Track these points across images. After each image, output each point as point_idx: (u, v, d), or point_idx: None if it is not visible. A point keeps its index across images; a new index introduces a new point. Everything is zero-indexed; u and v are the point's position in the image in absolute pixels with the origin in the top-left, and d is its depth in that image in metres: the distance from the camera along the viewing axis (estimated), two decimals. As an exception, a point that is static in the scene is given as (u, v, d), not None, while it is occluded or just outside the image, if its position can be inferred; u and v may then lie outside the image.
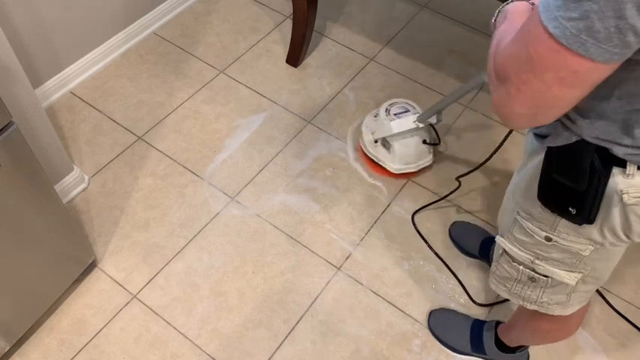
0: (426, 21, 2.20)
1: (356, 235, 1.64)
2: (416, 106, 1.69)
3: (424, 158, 1.71)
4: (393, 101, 1.70)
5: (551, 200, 0.83)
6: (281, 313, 1.49)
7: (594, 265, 0.91)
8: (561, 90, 0.61)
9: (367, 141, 1.73)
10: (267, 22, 2.16)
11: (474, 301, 1.52)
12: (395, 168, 1.69)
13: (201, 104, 1.90)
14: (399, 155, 1.67)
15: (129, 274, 1.54)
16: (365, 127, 1.75)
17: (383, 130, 1.65)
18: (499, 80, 0.67)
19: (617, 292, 1.57)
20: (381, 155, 1.70)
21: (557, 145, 0.77)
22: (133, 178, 1.72)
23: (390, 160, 1.69)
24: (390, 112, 1.66)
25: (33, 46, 1.72)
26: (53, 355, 1.41)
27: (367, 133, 1.73)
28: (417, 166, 1.70)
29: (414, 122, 1.62)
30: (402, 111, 1.66)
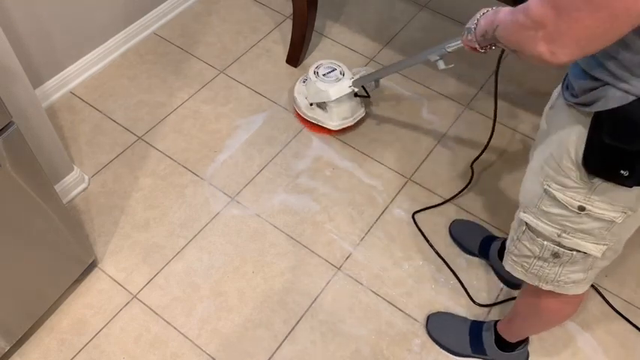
0: (426, 21, 2.20)
1: (356, 235, 1.64)
2: (340, 65, 1.79)
3: (358, 111, 1.82)
4: (319, 63, 1.79)
5: (601, 165, 0.84)
6: (281, 313, 1.49)
7: (620, 234, 0.93)
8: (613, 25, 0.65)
9: (303, 105, 1.81)
10: (267, 22, 2.16)
11: (474, 302, 1.52)
12: (335, 125, 1.78)
13: (201, 104, 1.90)
14: (336, 113, 1.77)
15: (129, 274, 1.54)
16: (297, 94, 1.84)
17: (320, 96, 1.74)
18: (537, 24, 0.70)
19: (617, 292, 1.57)
20: (319, 116, 1.79)
21: (608, 108, 0.77)
22: (133, 178, 1.72)
23: (329, 119, 1.78)
24: (319, 74, 1.76)
25: (33, 46, 1.72)
26: (53, 355, 1.41)
27: (301, 99, 1.82)
28: (354, 119, 1.81)
29: (350, 87, 1.72)
30: (329, 71, 1.76)
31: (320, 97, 1.75)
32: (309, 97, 1.79)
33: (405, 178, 1.76)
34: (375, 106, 1.92)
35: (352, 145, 1.82)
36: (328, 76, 1.75)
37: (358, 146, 1.82)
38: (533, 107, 1.95)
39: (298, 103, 1.82)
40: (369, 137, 1.85)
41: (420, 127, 1.89)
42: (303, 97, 1.82)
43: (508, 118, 1.92)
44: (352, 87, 1.73)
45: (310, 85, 1.77)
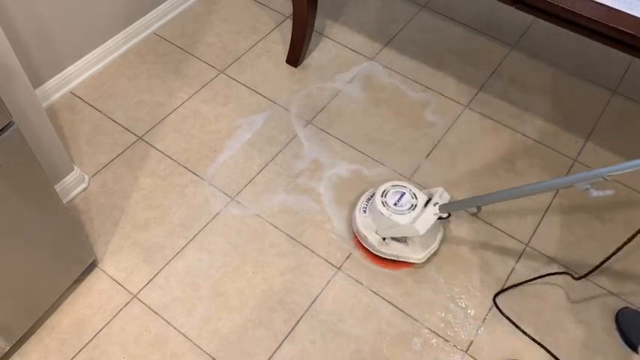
0: (426, 21, 2.21)
1: (356, 235, 1.64)
2: (406, 185, 1.53)
3: (439, 232, 1.60)
4: (383, 189, 1.53)
5: None
6: (281, 313, 1.49)
7: None
8: None
9: (376, 243, 1.54)
10: (267, 22, 2.16)
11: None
12: (420, 258, 1.54)
13: (201, 104, 1.90)
14: (421, 244, 1.54)
15: (129, 274, 1.54)
16: (364, 229, 1.55)
17: (400, 231, 1.48)
18: None
19: (617, 292, 1.57)
20: (399, 252, 1.53)
21: None
22: (133, 178, 1.72)
23: (412, 252, 1.53)
24: (389, 204, 1.49)
25: (33, 46, 1.72)
26: (53, 355, 1.41)
27: (370, 234, 1.54)
28: (437, 242, 1.58)
29: (436, 214, 1.45)
30: (399, 196, 1.51)
31: (403, 233, 1.48)
32: (381, 231, 1.53)
33: (404, 177, 1.76)
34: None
35: (352, 145, 1.82)
36: (400, 205, 1.48)
37: (358, 146, 1.82)
38: (533, 107, 1.95)
39: (370, 241, 1.54)
40: (369, 137, 1.85)
41: (420, 126, 1.89)
42: (372, 233, 1.54)
43: (508, 118, 1.92)
44: (439, 214, 1.45)
45: (382, 219, 1.49)
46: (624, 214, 1.72)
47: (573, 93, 2.01)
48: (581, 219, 1.70)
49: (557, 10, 1.31)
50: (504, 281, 1.57)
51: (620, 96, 2.02)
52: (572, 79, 2.05)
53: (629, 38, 1.25)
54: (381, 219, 1.50)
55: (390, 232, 1.50)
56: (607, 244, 1.65)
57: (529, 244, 1.64)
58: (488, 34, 2.17)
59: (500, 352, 1.46)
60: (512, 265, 1.60)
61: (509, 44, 2.15)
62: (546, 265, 1.60)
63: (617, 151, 1.86)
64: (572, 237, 1.66)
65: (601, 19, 1.26)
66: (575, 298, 1.56)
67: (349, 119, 1.89)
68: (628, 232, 1.68)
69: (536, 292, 1.56)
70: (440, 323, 1.50)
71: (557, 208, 1.72)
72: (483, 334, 1.48)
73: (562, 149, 1.85)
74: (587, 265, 1.61)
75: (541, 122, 1.92)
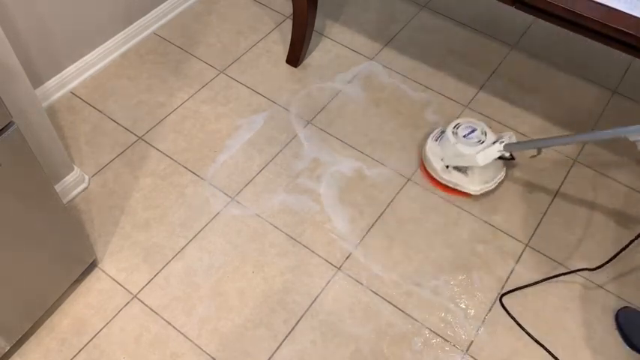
0: (426, 21, 2.21)
1: (356, 235, 1.64)
2: (480, 123, 1.66)
3: (500, 173, 1.69)
4: (457, 122, 1.67)
5: None
6: (281, 313, 1.49)
7: None
8: None
9: (439, 169, 1.68)
10: (267, 22, 2.16)
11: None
12: (475, 190, 1.66)
13: (201, 104, 1.90)
14: (479, 177, 1.64)
15: (129, 274, 1.54)
16: (431, 154, 1.69)
17: (463, 160, 1.61)
18: None
19: (617, 292, 1.57)
20: (457, 180, 1.66)
21: None
22: (133, 178, 1.72)
23: (469, 183, 1.66)
24: (459, 135, 1.63)
25: (33, 46, 1.72)
26: (53, 355, 1.41)
27: (436, 161, 1.68)
28: (495, 182, 1.68)
29: (500, 152, 1.58)
30: (470, 131, 1.63)
31: (464, 162, 1.62)
32: (446, 159, 1.66)
33: (404, 177, 1.76)
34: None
35: (352, 145, 1.82)
36: (469, 138, 1.62)
37: (358, 146, 1.82)
38: (533, 107, 1.95)
39: (433, 165, 1.69)
40: (369, 137, 1.85)
41: (420, 126, 1.89)
42: (438, 159, 1.68)
43: (508, 118, 1.92)
44: (503, 152, 1.58)
45: (449, 146, 1.64)
46: (623, 214, 1.72)
47: (573, 93, 2.01)
48: (581, 219, 1.70)
49: (557, 10, 1.31)
50: (504, 281, 1.57)
51: (620, 96, 2.02)
52: (572, 79, 2.05)
53: (629, 38, 1.25)
54: (448, 147, 1.64)
55: (454, 160, 1.64)
56: (607, 245, 1.65)
57: (529, 244, 1.64)
58: (488, 34, 2.17)
59: (500, 352, 1.46)
60: (512, 265, 1.60)
61: (509, 44, 2.15)
62: (546, 265, 1.60)
63: (617, 151, 1.86)
64: (573, 237, 1.66)
65: (601, 19, 1.26)
66: (575, 298, 1.56)
67: (349, 119, 1.89)
68: (628, 235, 1.69)
69: (536, 292, 1.56)
70: (440, 323, 1.50)
71: (558, 208, 1.72)
72: (483, 334, 1.48)
73: (562, 149, 1.85)
74: (590, 266, 1.61)
75: (541, 122, 1.92)
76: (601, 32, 1.31)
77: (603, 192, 1.76)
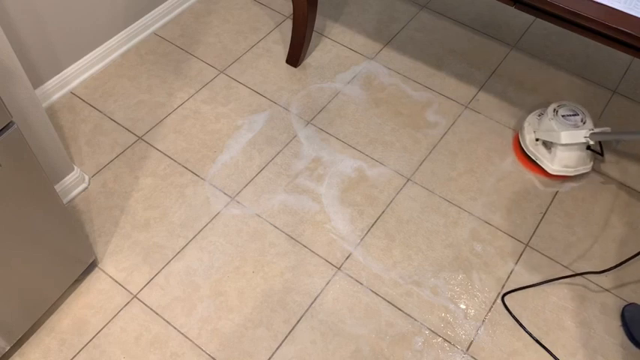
0: (426, 21, 2.21)
1: (356, 235, 1.64)
2: (585, 111, 1.67)
3: (584, 165, 1.69)
4: (562, 102, 1.69)
5: None
6: (281, 313, 1.49)
7: None
8: None
9: (528, 139, 1.72)
10: (267, 22, 2.16)
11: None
12: (553, 169, 1.68)
13: (202, 104, 1.90)
14: (560, 158, 1.66)
15: (129, 274, 1.54)
16: (527, 124, 1.74)
17: (550, 135, 1.64)
18: None
19: (617, 292, 1.57)
20: (540, 154, 1.70)
21: None
22: (133, 178, 1.72)
23: (550, 161, 1.68)
24: (558, 113, 1.65)
25: (33, 46, 1.72)
26: (53, 355, 1.41)
27: (529, 131, 1.73)
28: (576, 170, 1.68)
29: (586, 137, 1.60)
30: (571, 114, 1.65)
31: (549, 137, 1.66)
32: (537, 131, 1.71)
33: (405, 178, 1.76)
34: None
35: (352, 145, 1.82)
36: (568, 119, 1.64)
37: (358, 146, 1.82)
38: (533, 107, 1.95)
39: (524, 133, 1.74)
40: (369, 137, 1.85)
41: (420, 126, 1.89)
42: (531, 130, 1.74)
43: (508, 118, 1.92)
44: (588, 138, 1.61)
45: (545, 121, 1.68)
46: (624, 214, 1.72)
47: (573, 93, 2.01)
48: (581, 219, 1.70)
49: (557, 10, 1.31)
50: (504, 281, 1.57)
51: (620, 96, 2.02)
52: (572, 79, 2.05)
53: (629, 38, 1.25)
54: (544, 121, 1.68)
55: (544, 134, 1.67)
56: (608, 245, 1.65)
57: (529, 244, 1.64)
58: (488, 34, 2.18)
59: (500, 352, 1.46)
60: (512, 265, 1.60)
61: (509, 44, 2.15)
62: (547, 266, 1.60)
63: (617, 151, 1.86)
64: (573, 237, 1.66)
65: (601, 19, 1.26)
66: (575, 298, 1.56)
67: (349, 119, 1.89)
68: (628, 233, 1.69)
69: (536, 292, 1.56)
70: (440, 323, 1.50)
71: (558, 208, 1.72)
72: (483, 334, 1.48)
73: (562, 149, 1.86)
74: (589, 266, 1.61)
75: (541, 122, 1.92)
76: (601, 32, 1.31)
77: (603, 192, 1.76)
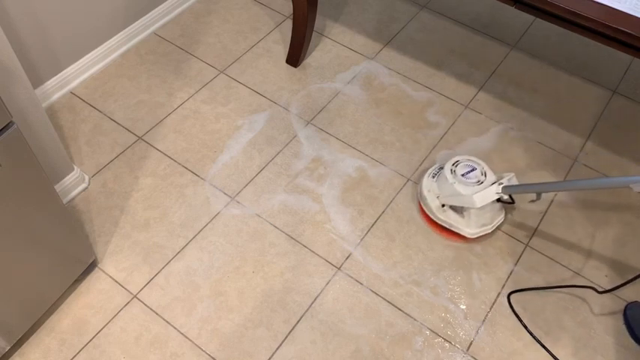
0: (426, 21, 2.21)
1: (356, 235, 1.64)
2: (480, 162, 1.57)
3: (498, 216, 1.60)
4: (455, 160, 1.59)
5: None
6: (281, 313, 1.49)
7: None
8: None
9: (434, 207, 1.60)
10: (267, 22, 2.16)
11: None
12: (471, 233, 1.58)
13: (201, 104, 1.90)
14: (475, 219, 1.56)
15: (129, 274, 1.54)
16: (427, 191, 1.62)
17: (461, 200, 1.52)
18: None
19: (616, 292, 1.56)
20: (452, 221, 1.58)
21: None
22: (133, 178, 1.72)
23: (466, 226, 1.57)
24: (457, 174, 1.55)
25: (33, 46, 1.72)
26: (53, 355, 1.41)
27: (432, 198, 1.61)
28: (493, 226, 1.59)
29: (498, 194, 1.49)
30: (469, 170, 1.55)
31: (460, 202, 1.53)
32: (442, 197, 1.58)
33: (405, 178, 1.76)
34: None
35: (352, 145, 1.82)
36: (468, 177, 1.54)
37: (358, 146, 1.82)
38: (533, 107, 1.96)
39: (428, 203, 1.61)
40: (369, 137, 1.85)
41: (420, 126, 1.89)
42: (434, 197, 1.61)
43: (508, 117, 1.92)
44: (501, 194, 1.49)
45: (446, 185, 1.56)
46: (620, 215, 1.72)
47: (573, 93, 2.01)
48: (582, 219, 1.70)
49: (557, 10, 1.31)
50: (504, 281, 1.57)
51: (620, 96, 2.02)
52: (572, 79, 2.05)
53: (629, 38, 1.25)
54: (445, 185, 1.57)
55: (450, 199, 1.56)
56: (608, 245, 1.65)
57: (529, 244, 1.64)
58: (488, 34, 2.18)
59: (500, 352, 1.46)
60: (512, 265, 1.60)
61: (509, 44, 2.15)
62: (547, 266, 1.60)
63: (617, 151, 1.86)
64: (574, 237, 1.66)
65: (601, 19, 1.26)
66: (574, 297, 1.56)
67: (349, 119, 1.89)
68: (627, 234, 1.69)
69: (536, 292, 1.56)
70: (440, 323, 1.50)
71: (558, 208, 1.72)
72: (483, 334, 1.48)
73: (562, 149, 1.85)
74: (589, 266, 1.61)
75: (541, 122, 1.92)
76: (601, 32, 1.31)
77: (604, 192, 1.76)
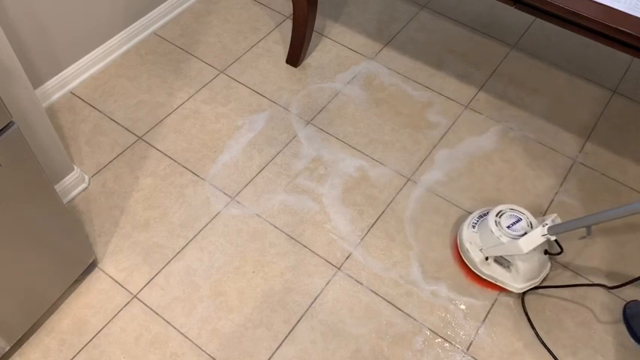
0: (426, 21, 2.21)
1: (356, 235, 1.64)
2: (524, 212, 1.49)
3: (545, 267, 1.54)
4: (499, 210, 1.50)
5: None
6: (281, 313, 1.49)
7: None
8: None
9: (477, 261, 1.52)
10: (267, 22, 2.16)
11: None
12: (519, 288, 1.50)
13: (202, 104, 1.90)
14: (524, 274, 1.48)
15: (129, 274, 1.54)
16: (469, 244, 1.54)
17: (505, 249, 1.44)
18: None
19: (616, 292, 1.56)
20: (498, 275, 1.50)
21: None
22: (133, 178, 1.72)
23: (513, 280, 1.49)
24: (502, 225, 1.46)
25: (33, 46, 1.72)
26: (53, 355, 1.41)
27: (474, 251, 1.52)
28: (540, 279, 1.52)
29: (544, 235, 1.39)
30: (514, 221, 1.46)
31: (506, 251, 1.44)
32: (485, 250, 1.50)
33: (405, 178, 1.76)
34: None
35: (352, 145, 1.82)
36: (514, 229, 1.45)
37: (358, 146, 1.82)
38: (533, 107, 1.95)
39: (471, 257, 1.52)
40: (369, 137, 1.85)
41: (420, 127, 1.89)
42: (476, 250, 1.52)
43: (508, 118, 1.92)
44: (548, 236, 1.39)
45: (488, 236, 1.48)
46: (624, 214, 1.72)
47: (573, 93, 2.01)
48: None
49: (557, 10, 1.31)
50: (504, 281, 1.57)
51: (620, 96, 2.02)
52: (572, 79, 2.05)
53: (629, 38, 1.25)
54: (489, 237, 1.48)
55: (494, 250, 1.47)
56: (609, 243, 1.65)
57: (529, 244, 1.64)
58: (488, 34, 2.18)
59: (500, 352, 1.46)
60: (512, 265, 1.60)
61: (509, 44, 2.15)
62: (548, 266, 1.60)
63: (617, 151, 1.86)
64: (573, 236, 1.66)
65: (601, 19, 1.27)
66: (575, 298, 1.56)
67: (349, 119, 1.89)
68: (626, 233, 1.69)
69: (536, 291, 1.56)
70: (440, 323, 1.50)
71: (558, 207, 1.72)
72: (483, 334, 1.48)
73: (562, 149, 1.85)
74: (589, 267, 1.61)
75: (541, 122, 1.92)
76: (601, 32, 1.31)
77: (604, 191, 1.76)
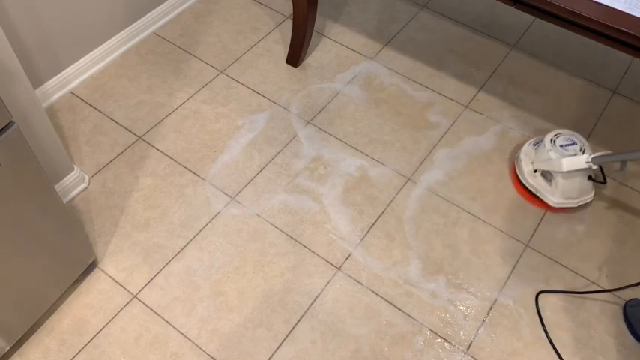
0: (426, 21, 2.21)
1: (356, 235, 1.64)
2: (582, 139, 1.62)
3: (586, 195, 1.64)
4: (558, 132, 1.63)
5: None
6: (281, 313, 1.50)
7: None
8: None
9: (526, 171, 1.67)
10: (267, 22, 2.16)
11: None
12: (555, 202, 1.63)
13: (202, 104, 1.90)
14: (562, 190, 1.61)
15: (129, 274, 1.54)
16: (524, 155, 1.70)
17: (550, 164, 1.59)
18: None
19: (616, 292, 1.56)
20: (540, 187, 1.65)
21: None
22: (133, 178, 1.72)
23: (551, 194, 1.63)
24: (556, 144, 1.60)
25: (33, 46, 1.72)
26: (53, 355, 1.41)
27: (526, 163, 1.68)
28: (578, 202, 1.63)
29: (587, 163, 1.54)
30: (569, 143, 1.60)
31: (549, 166, 1.60)
32: (535, 162, 1.65)
33: (405, 178, 1.76)
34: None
35: (352, 145, 1.82)
36: (566, 149, 1.59)
37: (358, 146, 1.82)
38: (533, 107, 1.95)
39: (522, 166, 1.69)
40: (369, 137, 1.85)
41: (420, 126, 1.89)
42: (528, 161, 1.68)
43: (508, 117, 1.92)
44: (590, 164, 1.54)
45: (542, 151, 1.63)
46: (620, 214, 1.72)
47: (573, 93, 2.01)
48: (582, 219, 1.70)
49: (557, 10, 1.31)
50: (504, 281, 1.57)
51: (620, 96, 2.02)
52: (572, 79, 2.05)
53: (629, 38, 1.25)
54: (541, 150, 1.63)
55: (542, 164, 1.62)
56: (609, 243, 1.65)
57: (529, 244, 1.64)
58: (488, 34, 2.18)
59: (500, 352, 1.46)
60: (512, 265, 1.60)
61: (509, 44, 2.15)
62: (547, 266, 1.60)
63: (617, 151, 1.86)
64: (573, 237, 1.66)
65: (601, 19, 1.26)
66: (575, 297, 1.56)
67: (349, 119, 1.89)
68: (626, 233, 1.69)
69: (536, 291, 1.56)
70: (440, 323, 1.50)
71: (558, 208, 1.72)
72: (483, 334, 1.48)
73: (562, 149, 1.86)
74: (590, 267, 1.61)
75: (541, 122, 1.92)
76: (601, 32, 1.31)
77: (604, 191, 1.76)
